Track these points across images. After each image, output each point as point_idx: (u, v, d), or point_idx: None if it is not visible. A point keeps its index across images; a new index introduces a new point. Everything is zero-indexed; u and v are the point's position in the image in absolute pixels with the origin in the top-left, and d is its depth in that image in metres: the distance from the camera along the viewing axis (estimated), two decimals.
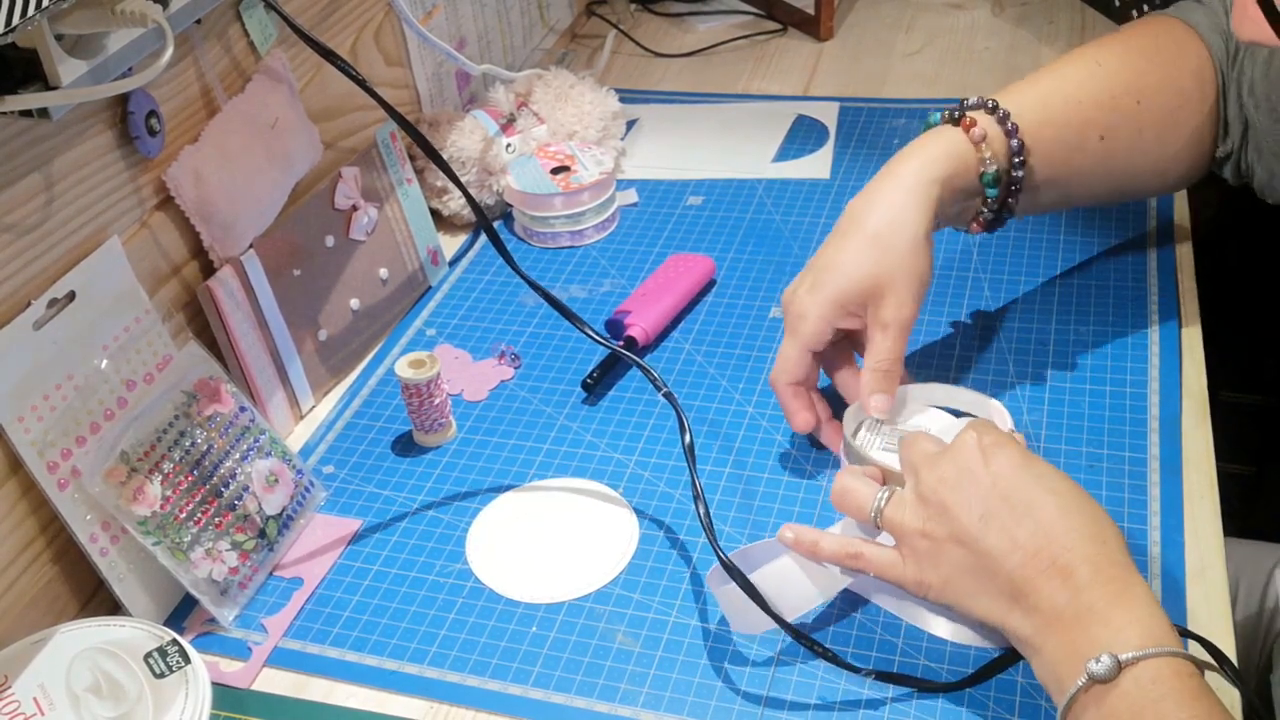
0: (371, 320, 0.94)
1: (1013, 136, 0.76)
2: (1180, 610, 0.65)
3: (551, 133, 1.10)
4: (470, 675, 0.67)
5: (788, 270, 0.96)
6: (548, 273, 1.00)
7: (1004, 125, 0.76)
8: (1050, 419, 0.78)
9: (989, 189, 0.76)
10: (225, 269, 0.79)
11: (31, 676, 0.60)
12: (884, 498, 0.63)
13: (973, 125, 0.75)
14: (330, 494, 0.80)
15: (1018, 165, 0.76)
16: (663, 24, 1.42)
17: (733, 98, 1.24)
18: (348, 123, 0.97)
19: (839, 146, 1.12)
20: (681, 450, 0.78)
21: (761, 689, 0.64)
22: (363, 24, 0.99)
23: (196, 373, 0.73)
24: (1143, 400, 0.78)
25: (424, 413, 0.81)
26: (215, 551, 0.71)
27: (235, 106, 0.82)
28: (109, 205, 0.73)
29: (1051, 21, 1.30)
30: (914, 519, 0.61)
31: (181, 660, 0.61)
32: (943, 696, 0.62)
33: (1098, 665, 0.52)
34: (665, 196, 1.08)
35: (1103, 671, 0.52)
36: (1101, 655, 0.52)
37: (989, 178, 0.75)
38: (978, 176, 0.75)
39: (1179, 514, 0.70)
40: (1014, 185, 0.77)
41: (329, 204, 0.89)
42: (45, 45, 0.62)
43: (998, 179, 0.75)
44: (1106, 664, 0.52)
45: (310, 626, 0.71)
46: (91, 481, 0.66)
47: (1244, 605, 0.89)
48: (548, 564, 0.73)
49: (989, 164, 0.75)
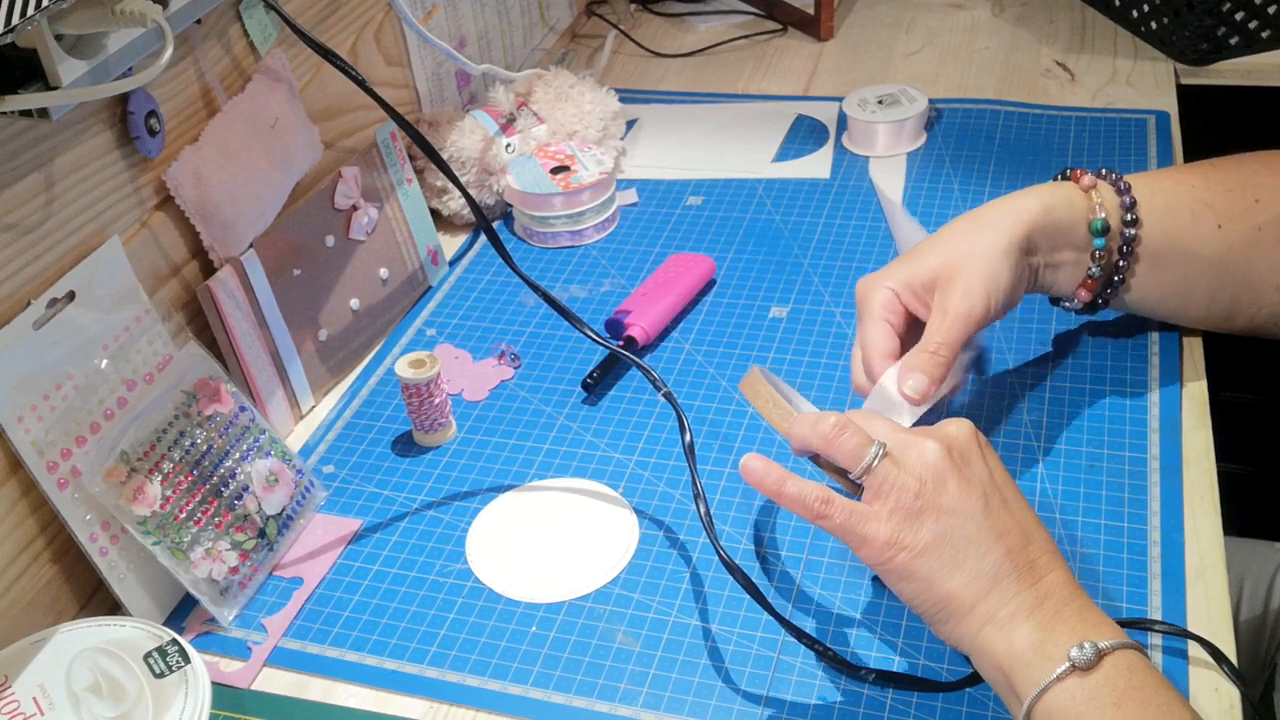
0: (371, 320, 0.94)
1: (1125, 194, 0.73)
2: (1180, 610, 0.65)
3: (551, 133, 1.10)
4: (470, 675, 0.67)
5: (787, 270, 0.96)
6: (548, 273, 1.00)
7: (1116, 185, 0.74)
8: (1050, 419, 0.78)
9: (1097, 239, 0.73)
10: (225, 269, 0.79)
11: (31, 676, 0.60)
12: (881, 450, 0.60)
13: (1083, 176, 0.74)
14: (330, 494, 0.80)
15: (1129, 223, 0.73)
16: (663, 24, 1.42)
17: (733, 98, 1.24)
18: (348, 123, 0.97)
19: (839, 146, 1.12)
20: (681, 450, 0.78)
21: (761, 689, 0.64)
22: (363, 24, 0.99)
23: (196, 373, 0.73)
24: (1143, 400, 0.78)
25: (424, 413, 0.81)
26: (215, 551, 0.71)
27: (235, 106, 0.82)
28: (109, 205, 0.73)
29: (1052, 21, 1.30)
30: (912, 479, 0.59)
31: (181, 660, 0.61)
32: (942, 696, 0.62)
33: (1080, 652, 0.54)
34: (665, 196, 1.08)
35: (1084, 659, 0.54)
36: (1083, 643, 0.54)
37: (1098, 225, 0.72)
38: (1086, 226, 0.73)
39: (1179, 514, 0.70)
40: (1125, 245, 0.73)
41: (329, 204, 0.89)
42: (45, 45, 0.62)
43: (1106, 228, 0.73)
44: (1088, 651, 0.54)
45: (310, 626, 0.71)
46: (91, 481, 0.66)
47: (1248, 606, 0.88)
48: (548, 564, 0.73)
49: (1098, 211, 0.73)
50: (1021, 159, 1.06)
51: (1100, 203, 0.73)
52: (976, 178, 1.04)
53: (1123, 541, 0.69)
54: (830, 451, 0.62)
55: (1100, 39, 1.24)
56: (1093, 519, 0.71)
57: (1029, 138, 1.09)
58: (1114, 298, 0.76)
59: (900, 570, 0.59)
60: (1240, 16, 1.12)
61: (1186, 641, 0.63)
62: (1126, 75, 1.17)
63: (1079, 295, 0.75)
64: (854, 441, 0.61)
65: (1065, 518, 0.71)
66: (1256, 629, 0.87)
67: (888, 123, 1.08)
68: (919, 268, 0.71)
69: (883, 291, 0.71)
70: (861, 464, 0.60)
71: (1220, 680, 0.61)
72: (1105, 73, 1.18)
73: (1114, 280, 0.75)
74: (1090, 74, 1.18)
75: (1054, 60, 1.22)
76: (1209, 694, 0.60)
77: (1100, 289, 0.75)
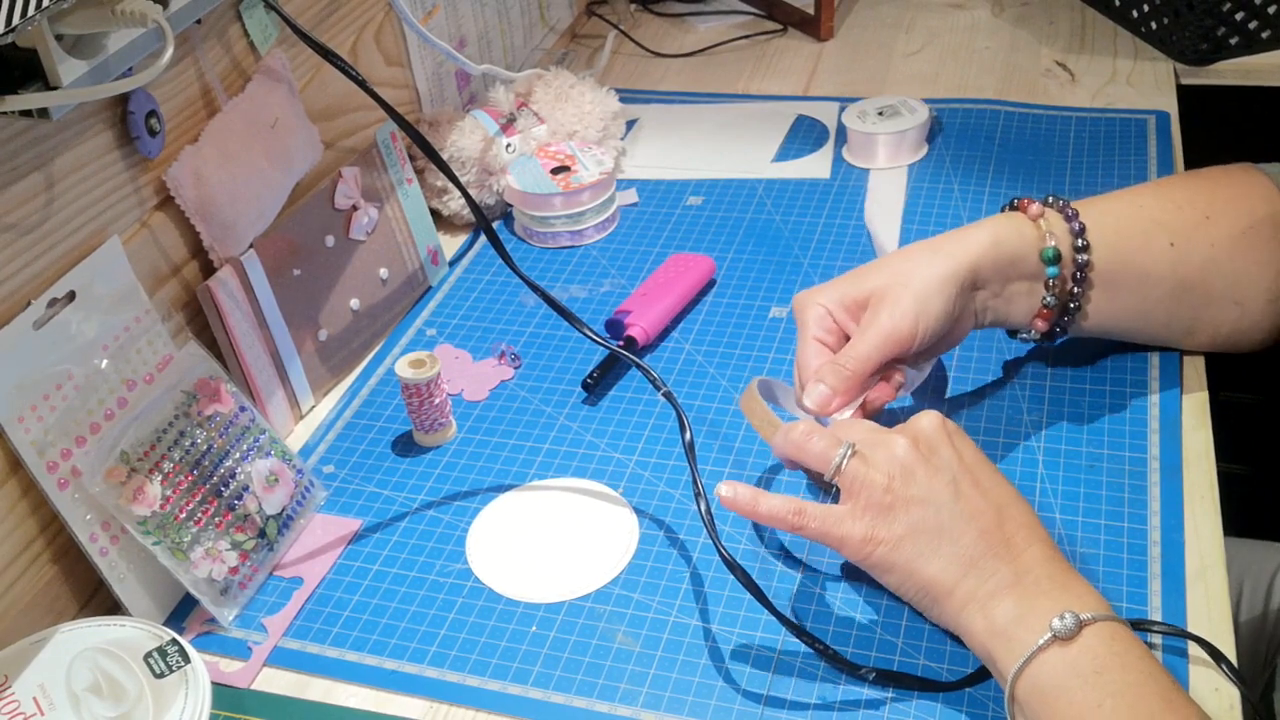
0: (371, 320, 0.94)
1: (1073, 220, 0.73)
2: (1180, 610, 0.65)
3: (551, 133, 1.10)
4: (470, 675, 0.67)
5: (787, 270, 0.96)
6: (548, 273, 1.00)
7: (1063, 211, 0.74)
8: (1050, 419, 0.78)
9: (1049, 267, 0.72)
10: (225, 269, 0.79)
11: (31, 676, 0.60)
12: (849, 451, 0.63)
13: (1030, 205, 0.74)
14: (330, 494, 0.80)
15: (1080, 249, 0.73)
16: (663, 24, 1.42)
17: (733, 98, 1.24)
18: (348, 123, 0.97)
19: (839, 146, 1.12)
20: (681, 450, 0.78)
21: (761, 689, 0.64)
22: (363, 24, 0.99)
23: (196, 372, 0.73)
24: (1143, 400, 0.78)
25: (424, 413, 0.81)
26: (215, 551, 0.71)
27: (235, 106, 0.82)
28: (109, 205, 0.73)
29: (1052, 22, 1.30)
30: (880, 475, 0.62)
31: (181, 660, 0.61)
32: (942, 696, 0.62)
33: (1061, 623, 0.56)
34: (665, 196, 1.08)
35: (1065, 629, 0.56)
36: (1064, 613, 0.56)
37: (1049, 253, 0.72)
38: (1038, 254, 0.72)
39: (1179, 514, 0.70)
40: (1078, 272, 0.73)
41: (329, 204, 0.89)
42: (45, 45, 0.62)
43: (1058, 256, 0.72)
44: (1069, 621, 0.56)
45: (310, 626, 0.71)
46: (91, 481, 0.66)
47: (1248, 606, 0.88)
48: (548, 564, 0.73)
49: (1048, 239, 0.72)
50: (1021, 159, 1.06)
51: (1050, 230, 0.73)
52: (976, 178, 1.04)
53: (1123, 541, 0.69)
54: (801, 457, 0.65)
55: (1100, 39, 1.24)
56: (1093, 519, 0.71)
57: (1029, 138, 1.09)
58: (1071, 324, 0.76)
59: (881, 563, 0.62)
60: (1240, 16, 1.12)
61: (1186, 642, 0.63)
62: (1126, 75, 1.17)
63: (1035, 325, 0.75)
64: (821, 445, 0.64)
65: (1065, 518, 0.71)
66: (1256, 629, 0.87)
67: (888, 134, 1.06)
68: (855, 287, 0.72)
69: (815, 308, 0.73)
70: (831, 465, 0.63)
71: (1220, 680, 0.61)
72: (1105, 73, 1.18)
73: (1070, 307, 0.74)
74: (1090, 74, 1.18)
75: (1054, 60, 1.22)
76: (1209, 694, 0.60)
77: (1057, 317, 0.75)
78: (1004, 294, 0.74)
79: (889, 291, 0.70)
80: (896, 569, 0.62)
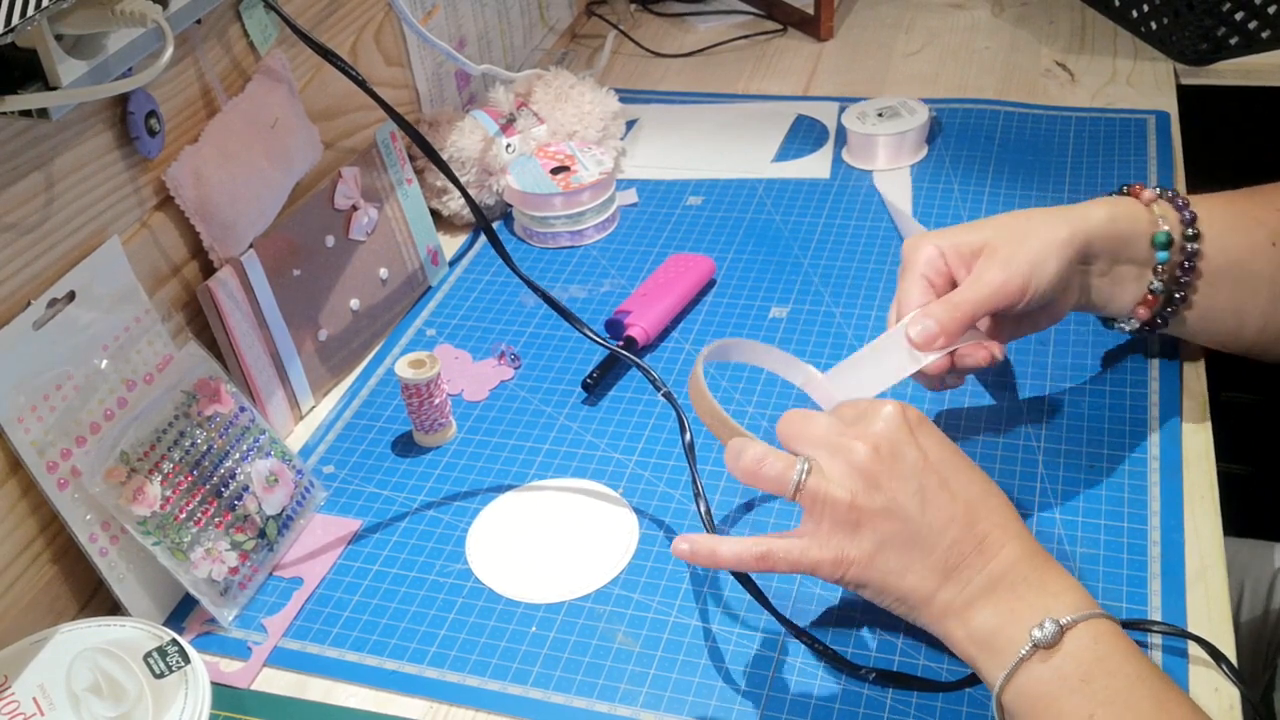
0: (371, 320, 0.94)
1: (1184, 209, 0.72)
2: (1180, 610, 0.65)
3: (551, 133, 1.10)
4: (470, 675, 0.67)
5: (787, 270, 0.96)
6: (548, 273, 1.00)
7: (1174, 201, 0.73)
8: (1050, 419, 0.78)
9: (1160, 252, 0.71)
10: (225, 269, 0.79)
11: (31, 676, 0.60)
12: (805, 469, 0.60)
13: (1143, 190, 0.73)
14: (330, 494, 0.80)
15: (1190, 238, 0.71)
16: (663, 24, 1.42)
17: (733, 98, 1.24)
18: (348, 123, 0.97)
19: (838, 146, 1.12)
20: (681, 450, 0.78)
21: (761, 689, 0.64)
22: (363, 24, 0.99)
23: (196, 373, 0.73)
24: (1143, 400, 0.78)
25: (424, 413, 0.81)
26: (215, 551, 0.71)
27: (235, 106, 0.82)
28: (109, 205, 0.73)
29: (1052, 22, 1.30)
30: (842, 491, 0.59)
31: (181, 660, 0.61)
32: (942, 696, 0.62)
33: (1041, 632, 0.55)
34: (665, 196, 1.08)
35: (1046, 637, 0.55)
36: (1044, 621, 0.55)
37: (1161, 237, 0.70)
38: (1149, 239, 0.71)
39: (1179, 514, 0.70)
40: (1186, 261, 0.71)
41: (329, 204, 0.89)
42: (45, 45, 0.62)
43: (1170, 241, 0.70)
44: (1049, 629, 0.55)
45: (310, 626, 0.71)
46: (91, 481, 0.66)
47: (1249, 607, 0.88)
48: (548, 564, 0.73)
49: (1160, 224, 0.71)
50: (1021, 159, 1.06)
51: (1162, 216, 0.71)
52: (976, 179, 1.04)
53: (1123, 541, 0.69)
54: (756, 484, 0.62)
55: (1100, 39, 1.25)
56: (1093, 519, 0.71)
57: (1029, 138, 1.09)
58: (1173, 317, 0.74)
59: (856, 581, 0.60)
60: (1240, 16, 1.12)
61: (1186, 642, 0.63)
62: (1126, 75, 1.17)
63: (1138, 313, 0.73)
64: (776, 469, 0.61)
65: (1065, 518, 0.71)
66: (1256, 629, 0.87)
67: (888, 135, 1.06)
68: (971, 235, 0.70)
69: (929, 248, 0.70)
70: (789, 486, 0.60)
71: (1220, 680, 0.61)
72: (1105, 73, 1.18)
73: (1175, 298, 0.73)
74: (1090, 74, 1.18)
75: (1054, 60, 1.22)
76: (1209, 694, 0.60)
77: (1161, 307, 0.73)
78: (1111, 274, 0.72)
79: (1005, 245, 0.69)
80: (871, 584, 0.60)
